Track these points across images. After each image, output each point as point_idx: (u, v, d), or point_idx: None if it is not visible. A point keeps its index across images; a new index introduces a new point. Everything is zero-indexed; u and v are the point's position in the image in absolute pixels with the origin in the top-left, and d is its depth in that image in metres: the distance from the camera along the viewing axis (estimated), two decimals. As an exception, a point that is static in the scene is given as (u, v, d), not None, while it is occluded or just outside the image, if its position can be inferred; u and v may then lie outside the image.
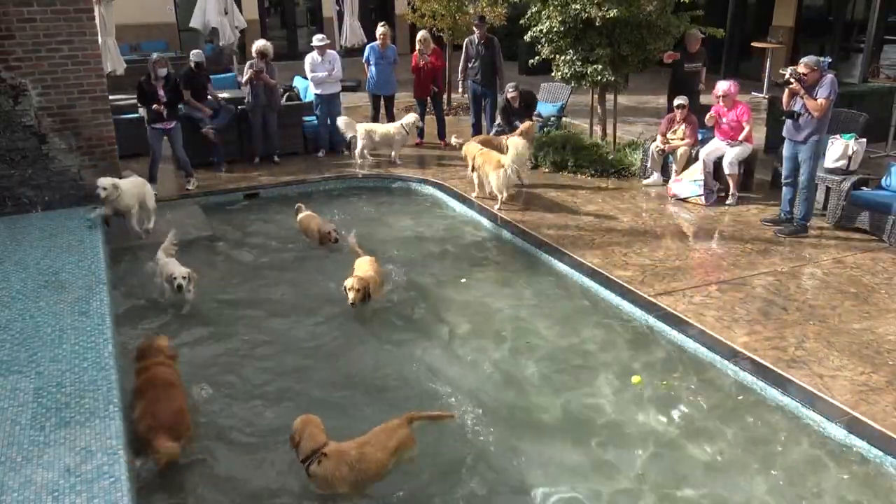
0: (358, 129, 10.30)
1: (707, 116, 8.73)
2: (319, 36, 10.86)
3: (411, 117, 10.45)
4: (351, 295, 6.00)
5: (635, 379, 5.20)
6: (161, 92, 8.57)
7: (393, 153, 10.36)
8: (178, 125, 8.94)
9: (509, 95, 9.92)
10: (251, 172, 9.91)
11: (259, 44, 10.12)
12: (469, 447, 4.53)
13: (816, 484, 4.23)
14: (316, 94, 10.60)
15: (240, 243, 7.79)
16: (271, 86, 10.04)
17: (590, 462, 4.45)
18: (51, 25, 7.09)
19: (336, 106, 10.82)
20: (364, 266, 6.41)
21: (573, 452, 4.52)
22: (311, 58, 10.52)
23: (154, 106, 8.53)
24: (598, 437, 4.67)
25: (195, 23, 14.25)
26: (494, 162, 8.36)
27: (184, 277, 6.01)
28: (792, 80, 7.19)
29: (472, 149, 8.91)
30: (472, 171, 8.90)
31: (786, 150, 7.62)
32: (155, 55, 8.84)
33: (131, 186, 7.42)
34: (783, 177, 7.74)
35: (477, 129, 11.01)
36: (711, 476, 4.33)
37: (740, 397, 5.01)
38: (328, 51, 10.58)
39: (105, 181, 7.07)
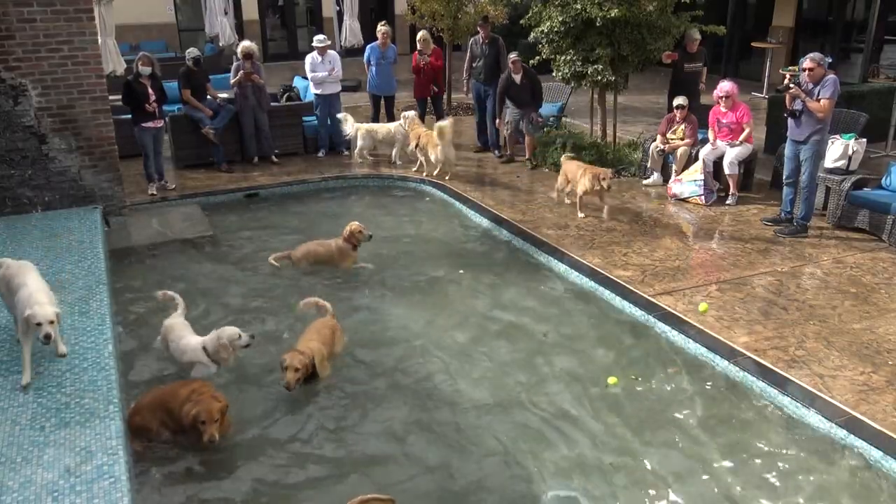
0: (358, 129, 10.30)
1: (711, 143, 8.73)
2: (320, 37, 10.84)
3: (410, 114, 10.38)
4: (288, 375, 4.75)
5: (612, 380, 5.18)
6: (150, 91, 8.58)
7: (393, 153, 10.35)
8: (164, 125, 8.99)
9: (511, 60, 9.61)
10: (251, 172, 9.91)
11: (244, 45, 10.10)
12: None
13: (816, 483, 4.23)
14: (316, 95, 10.59)
15: (239, 244, 7.76)
16: (260, 86, 10.04)
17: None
18: (51, 25, 7.08)
19: (336, 106, 10.81)
20: (310, 334, 5.21)
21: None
22: (312, 58, 10.52)
23: (146, 106, 8.51)
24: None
25: (216, 29, 14.33)
26: (433, 142, 9.58)
27: None
28: (791, 84, 7.20)
29: (418, 130, 9.84)
30: (416, 148, 9.75)
31: (787, 150, 7.62)
32: (141, 53, 8.85)
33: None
34: (784, 177, 7.74)
35: (481, 130, 11.02)
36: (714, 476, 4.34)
37: (731, 394, 5.01)
38: (328, 51, 10.58)
39: (50, 313, 4.36)
